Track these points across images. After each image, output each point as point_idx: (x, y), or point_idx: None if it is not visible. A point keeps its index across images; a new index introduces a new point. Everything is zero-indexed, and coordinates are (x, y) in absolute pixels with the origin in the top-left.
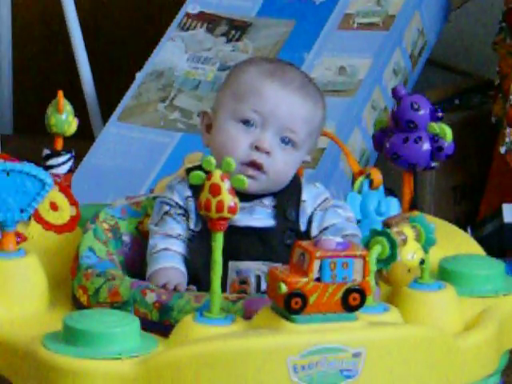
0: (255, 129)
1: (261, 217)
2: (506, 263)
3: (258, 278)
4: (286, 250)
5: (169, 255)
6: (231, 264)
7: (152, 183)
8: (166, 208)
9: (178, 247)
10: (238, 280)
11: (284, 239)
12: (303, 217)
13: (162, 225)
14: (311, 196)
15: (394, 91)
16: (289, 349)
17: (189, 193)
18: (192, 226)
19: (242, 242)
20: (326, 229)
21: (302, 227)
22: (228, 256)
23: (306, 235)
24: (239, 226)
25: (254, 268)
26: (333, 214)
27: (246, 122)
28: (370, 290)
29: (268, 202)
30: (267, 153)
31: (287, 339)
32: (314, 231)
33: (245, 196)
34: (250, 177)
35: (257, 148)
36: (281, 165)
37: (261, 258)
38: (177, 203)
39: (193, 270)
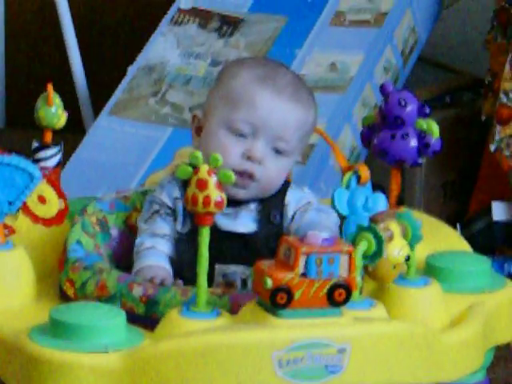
0: (246, 138)
1: (245, 221)
2: (494, 261)
3: (244, 281)
4: (270, 253)
5: (155, 253)
6: (218, 267)
7: (143, 177)
8: (156, 207)
9: (164, 247)
10: (224, 283)
11: (268, 243)
12: (286, 220)
13: (150, 223)
14: (294, 199)
15: (382, 87)
16: (274, 343)
17: (177, 193)
18: (179, 228)
19: (227, 247)
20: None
21: (285, 230)
22: (214, 259)
23: None
24: (224, 230)
25: (240, 272)
26: (313, 214)
27: (238, 133)
28: (356, 285)
29: (254, 206)
30: (258, 162)
31: (272, 334)
32: (292, 230)
33: (231, 201)
34: (240, 186)
35: (248, 158)
36: (272, 173)
37: (245, 262)
38: (165, 203)
39: (179, 270)
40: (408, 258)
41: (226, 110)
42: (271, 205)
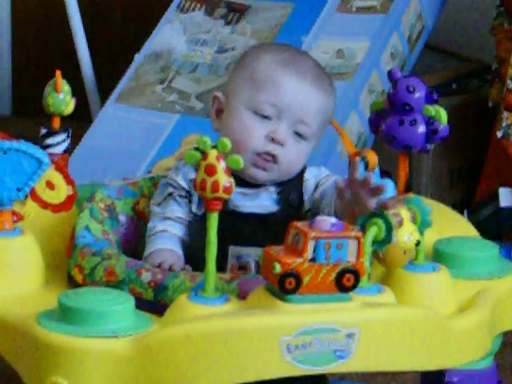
0: (270, 120)
1: (265, 203)
2: (502, 247)
3: (258, 263)
4: None
5: (166, 237)
6: (232, 249)
7: (149, 165)
8: (170, 189)
9: (177, 230)
10: (238, 265)
11: (286, 225)
12: (307, 195)
13: (164, 206)
14: (313, 175)
15: (390, 74)
16: (282, 328)
17: (194, 175)
18: (194, 209)
19: (245, 228)
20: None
21: (308, 205)
22: (229, 241)
23: (311, 211)
24: (243, 211)
25: (255, 254)
26: (329, 179)
27: (262, 115)
28: (364, 271)
29: (273, 187)
30: (281, 144)
31: (281, 319)
32: (317, 196)
33: (251, 183)
34: (262, 168)
35: (272, 139)
36: (293, 156)
37: (263, 244)
38: (180, 185)
39: (193, 252)
40: (418, 243)
41: (250, 91)
42: (290, 188)
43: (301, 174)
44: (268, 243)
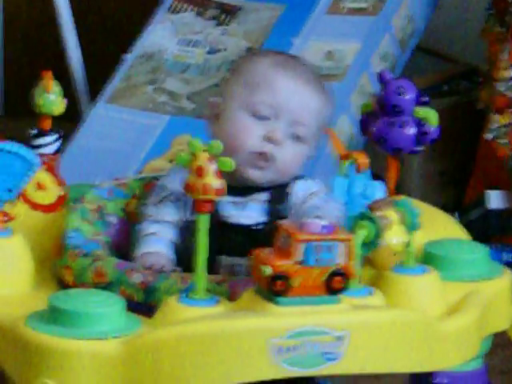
0: (267, 121)
1: (253, 213)
2: (491, 249)
3: (249, 273)
4: None
5: (157, 240)
6: (224, 259)
7: (140, 165)
8: (166, 192)
9: (168, 233)
10: (228, 275)
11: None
12: (289, 210)
13: (159, 208)
14: (301, 189)
15: (380, 76)
16: (272, 331)
17: None
18: (188, 215)
19: (234, 239)
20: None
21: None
22: (220, 251)
23: None
24: (231, 222)
25: (245, 264)
26: (313, 201)
27: (259, 115)
28: (354, 273)
29: (263, 196)
30: (278, 144)
31: (270, 321)
32: (292, 216)
33: (240, 191)
34: (258, 167)
35: (269, 139)
36: (289, 157)
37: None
38: (177, 189)
39: (184, 257)
40: (407, 245)
41: (247, 93)
42: (280, 197)
43: (291, 186)
44: None
